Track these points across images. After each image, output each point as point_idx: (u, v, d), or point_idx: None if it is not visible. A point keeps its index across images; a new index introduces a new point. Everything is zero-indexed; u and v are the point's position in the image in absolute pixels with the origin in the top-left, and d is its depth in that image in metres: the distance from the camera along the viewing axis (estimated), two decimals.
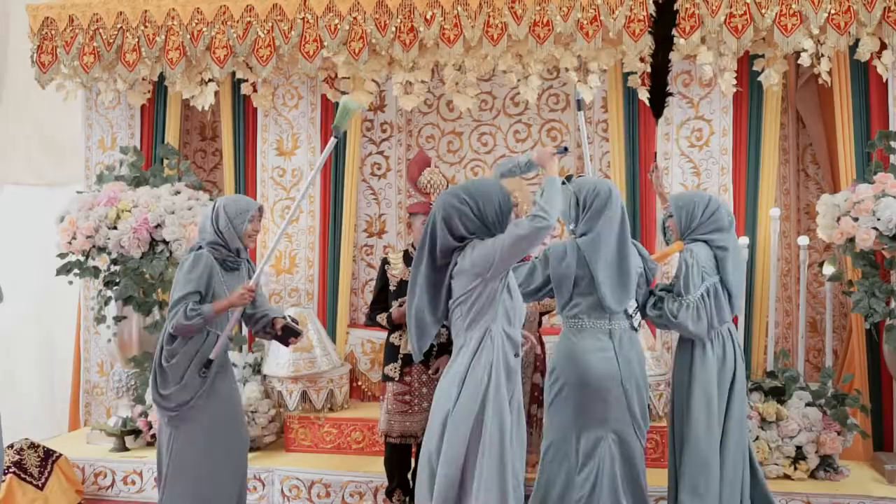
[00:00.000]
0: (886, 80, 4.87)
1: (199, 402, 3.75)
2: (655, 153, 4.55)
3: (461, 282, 3.16)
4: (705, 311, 3.70)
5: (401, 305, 4.25)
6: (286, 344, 4.03)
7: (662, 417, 4.85)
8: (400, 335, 4.33)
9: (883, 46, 4.76)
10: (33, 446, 4.79)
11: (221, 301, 3.74)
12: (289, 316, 4.07)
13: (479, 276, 3.11)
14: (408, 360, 4.30)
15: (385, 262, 4.48)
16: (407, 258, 4.43)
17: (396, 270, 4.40)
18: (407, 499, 4.42)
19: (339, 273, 5.74)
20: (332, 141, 3.83)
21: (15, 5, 6.34)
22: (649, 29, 4.50)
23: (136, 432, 5.20)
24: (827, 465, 4.52)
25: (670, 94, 4.44)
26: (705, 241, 3.79)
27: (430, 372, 4.30)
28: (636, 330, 3.73)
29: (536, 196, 3.24)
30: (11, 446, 4.71)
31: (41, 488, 4.67)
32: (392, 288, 4.38)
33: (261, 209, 3.94)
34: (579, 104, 4.23)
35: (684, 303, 3.68)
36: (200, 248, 3.82)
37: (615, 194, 3.62)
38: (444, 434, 3.11)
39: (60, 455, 4.86)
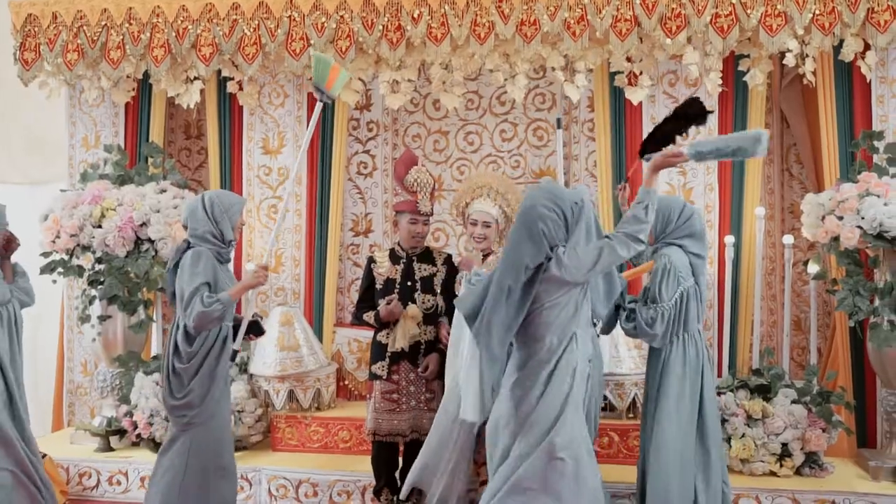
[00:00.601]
0: (870, 81, 4.92)
1: (212, 405, 3.76)
2: (627, 176, 4.53)
3: (550, 288, 3.22)
4: (671, 318, 3.71)
5: (388, 303, 4.24)
6: (246, 338, 4.04)
7: (622, 415, 4.88)
8: (387, 333, 4.33)
9: (867, 47, 4.81)
10: None
11: (235, 286, 3.76)
12: (258, 315, 4.09)
13: (571, 284, 3.21)
14: (395, 358, 4.29)
15: (371, 260, 4.47)
16: (393, 256, 4.42)
17: (383, 269, 4.40)
18: (394, 498, 4.42)
19: (325, 272, 5.73)
20: (318, 106, 3.88)
21: None
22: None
23: (121, 432, 5.16)
24: (812, 461, 4.56)
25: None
26: (679, 246, 3.78)
27: (418, 371, 4.29)
28: (598, 336, 3.87)
29: (638, 212, 3.33)
30: None
31: None
32: (378, 286, 4.37)
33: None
34: (559, 122, 4.24)
35: (659, 310, 3.67)
36: (189, 245, 3.80)
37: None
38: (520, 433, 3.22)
39: (45, 455, 4.80)
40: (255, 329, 4.00)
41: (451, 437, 3.86)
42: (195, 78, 5.53)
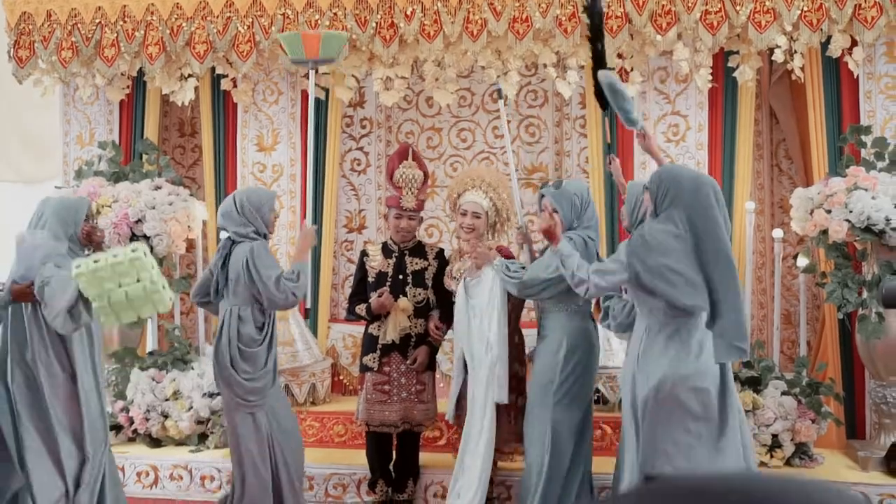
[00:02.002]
0: (857, 76, 4.98)
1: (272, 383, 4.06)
2: (610, 144, 4.61)
3: None
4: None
5: (380, 296, 4.28)
6: None
7: (614, 407, 4.94)
8: (378, 326, 4.37)
9: (854, 43, 4.87)
10: None
11: (297, 252, 4.13)
12: None
13: None
14: (386, 350, 4.34)
15: (364, 254, 4.52)
16: (385, 250, 4.47)
17: (375, 262, 4.44)
18: (389, 490, 4.46)
19: (319, 268, 5.76)
20: (311, 75, 4.21)
21: None
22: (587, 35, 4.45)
23: (117, 428, 5.18)
24: (802, 452, 4.62)
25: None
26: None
27: (408, 362, 4.33)
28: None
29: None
30: None
31: None
32: (371, 280, 4.41)
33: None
34: (499, 93, 4.41)
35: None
36: (233, 241, 4.03)
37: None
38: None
39: None
40: None
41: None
42: (189, 75, 5.55)
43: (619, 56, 5.10)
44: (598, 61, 4.23)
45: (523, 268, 3.99)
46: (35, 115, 6.34)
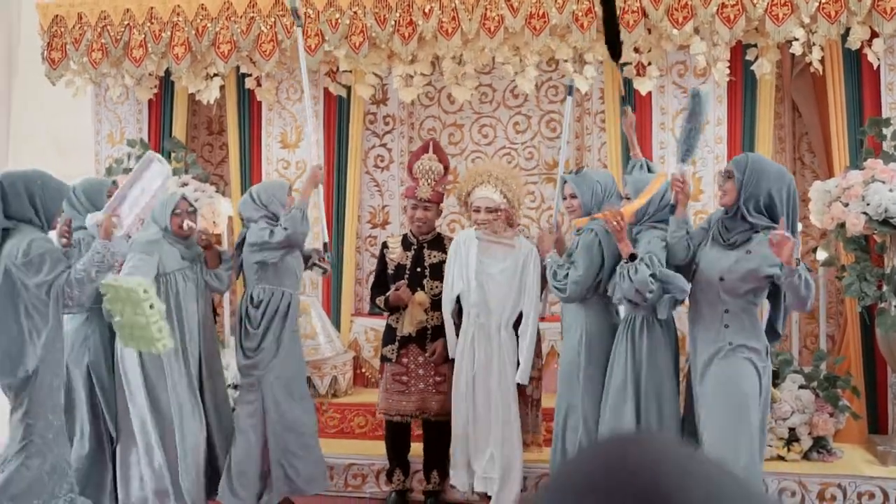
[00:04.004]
0: (878, 68, 4.94)
1: (277, 366, 4.22)
2: (624, 97, 4.62)
3: None
4: None
5: (397, 289, 4.36)
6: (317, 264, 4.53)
7: None
8: (397, 318, 4.44)
9: (874, 35, 4.82)
10: None
11: (301, 189, 4.36)
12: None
13: None
14: (404, 341, 4.41)
15: (384, 245, 4.61)
16: (405, 243, 4.54)
17: (394, 255, 4.52)
18: (405, 479, 4.53)
19: (342, 263, 5.86)
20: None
21: (25, 4, 6.50)
22: None
23: None
24: (820, 446, 4.60)
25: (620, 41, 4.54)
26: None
27: (426, 355, 4.40)
28: None
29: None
30: None
31: None
32: (390, 271, 4.49)
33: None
34: (570, 90, 4.34)
35: None
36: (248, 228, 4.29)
37: None
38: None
39: None
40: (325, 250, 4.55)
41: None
42: (215, 74, 5.68)
43: (636, 50, 5.11)
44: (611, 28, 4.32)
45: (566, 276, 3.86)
46: (68, 115, 6.51)
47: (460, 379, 4.22)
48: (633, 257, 3.50)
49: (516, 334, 4.20)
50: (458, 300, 4.29)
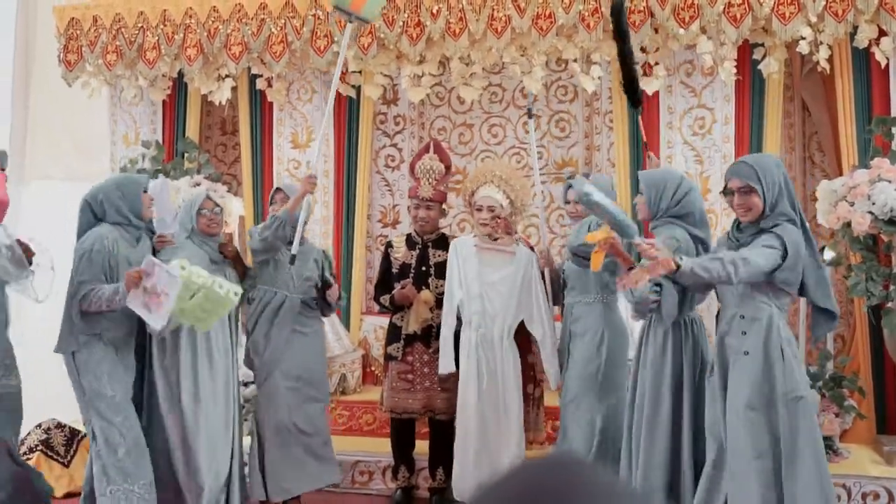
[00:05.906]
0: (886, 67, 4.91)
1: (269, 364, 4.31)
2: (646, 143, 4.62)
3: None
4: None
5: (402, 287, 4.40)
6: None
7: None
8: (402, 316, 4.48)
9: (882, 33, 4.80)
10: (60, 426, 5.02)
11: (292, 198, 4.26)
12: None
13: None
14: (409, 340, 4.45)
15: (389, 245, 4.65)
16: (409, 242, 4.59)
17: (399, 254, 4.56)
18: (411, 477, 4.58)
19: (352, 261, 5.91)
20: (346, 29, 4.40)
21: (42, 7, 6.60)
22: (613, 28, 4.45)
23: None
24: (826, 446, 4.57)
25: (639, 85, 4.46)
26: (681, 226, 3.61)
27: (431, 352, 4.44)
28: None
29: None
30: (40, 426, 4.95)
31: (67, 465, 4.91)
32: (395, 270, 4.54)
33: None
34: (529, 112, 4.43)
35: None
36: None
37: None
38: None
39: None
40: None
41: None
42: (226, 76, 5.75)
43: (643, 50, 5.12)
44: (624, 60, 4.30)
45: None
46: (83, 116, 6.61)
47: (467, 390, 4.20)
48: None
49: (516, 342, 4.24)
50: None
